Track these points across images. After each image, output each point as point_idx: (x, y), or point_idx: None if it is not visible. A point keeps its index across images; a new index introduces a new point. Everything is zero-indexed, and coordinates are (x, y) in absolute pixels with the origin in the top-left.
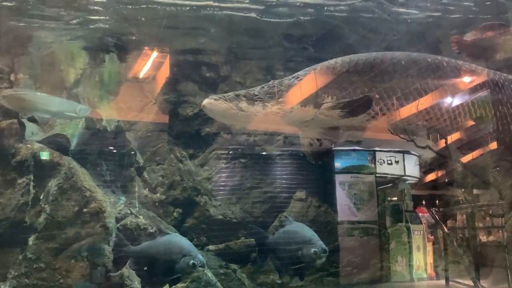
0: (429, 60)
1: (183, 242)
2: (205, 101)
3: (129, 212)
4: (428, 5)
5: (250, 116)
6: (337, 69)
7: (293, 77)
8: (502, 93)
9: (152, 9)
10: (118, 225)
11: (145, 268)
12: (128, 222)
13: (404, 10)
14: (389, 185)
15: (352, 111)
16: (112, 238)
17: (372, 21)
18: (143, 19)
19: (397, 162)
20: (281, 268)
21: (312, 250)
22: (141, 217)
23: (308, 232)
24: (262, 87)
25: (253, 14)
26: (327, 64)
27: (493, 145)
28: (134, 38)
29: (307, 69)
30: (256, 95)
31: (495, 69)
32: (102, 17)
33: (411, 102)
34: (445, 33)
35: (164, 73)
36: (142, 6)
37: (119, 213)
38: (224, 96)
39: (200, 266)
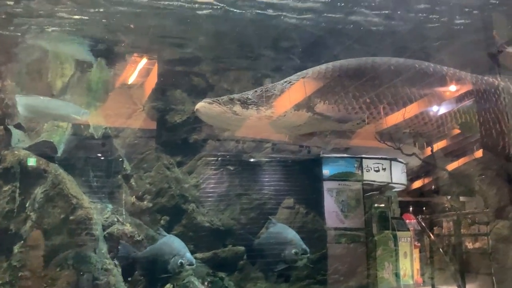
0: (417, 66)
1: (175, 242)
2: (199, 105)
3: (116, 219)
4: (413, 15)
5: (243, 120)
6: (329, 74)
7: (286, 81)
8: (485, 98)
9: (141, 16)
10: (105, 232)
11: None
12: (115, 229)
13: (389, 21)
14: (376, 192)
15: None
16: (98, 246)
17: (357, 32)
18: (132, 26)
19: (384, 169)
20: (267, 270)
21: (293, 251)
22: (128, 224)
23: (289, 234)
24: (256, 91)
25: (240, 24)
26: (318, 69)
27: (478, 153)
28: (123, 45)
29: (299, 73)
30: (250, 99)
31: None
32: (90, 24)
33: (401, 106)
34: (428, 44)
35: (152, 80)
36: (131, 13)
37: (105, 221)
38: (218, 100)
39: (188, 265)
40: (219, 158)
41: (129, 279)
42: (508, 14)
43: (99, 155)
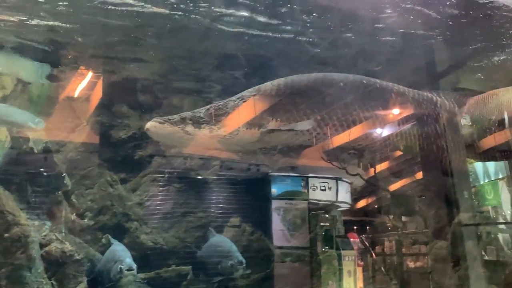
0: (365, 82)
1: (117, 249)
2: (149, 124)
3: (54, 237)
4: (357, 41)
5: (196, 139)
6: (281, 91)
7: (238, 98)
8: (426, 114)
9: (87, 29)
10: (42, 251)
11: None
12: (53, 248)
13: (333, 46)
14: (321, 211)
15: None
16: (34, 265)
17: (302, 55)
18: (79, 39)
19: (330, 188)
20: (208, 283)
21: (229, 263)
22: (67, 243)
23: (226, 245)
24: (208, 109)
25: (186, 43)
26: (270, 86)
27: (419, 175)
28: (69, 57)
29: (251, 89)
30: (202, 118)
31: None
32: (33, 37)
33: (350, 123)
34: (370, 69)
35: (97, 94)
36: (77, 26)
37: (43, 239)
38: (169, 119)
39: (127, 270)
40: (165, 175)
41: None
42: (448, 41)
43: (39, 170)
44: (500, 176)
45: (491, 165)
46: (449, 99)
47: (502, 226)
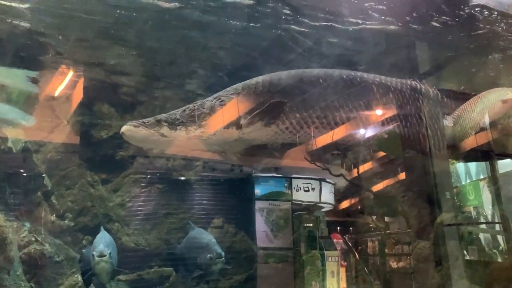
0: (345, 76)
1: (98, 237)
2: (124, 128)
3: (33, 239)
4: (341, 42)
5: (172, 141)
6: (259, 90)
7: (215, 98)
8: (410, 103)
9: (69, 28)
10: (21, 253)
11: None
12: (32, 249)
13: (317, 45)
14: (305, 212)
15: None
16: (13, 267)
17: (286, 54)
18: (60, 37)
19: (313, 189)
20: (186, 277)
21: (208, 256)
22: (46, 244)
23: (205, 238)
24: (184, 110)
25: (168, 41)
26: (248, 84)
27: (401, 176)
28: (49, 56)
29: (228, 89)
30: (178, 119)
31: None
32: (13, 34)
33: (331, 120)
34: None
35: (78, 93)
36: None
37: (22, 240)
38: (144, 122)
39: (98, 256)
40: (147, 176)
41: None
42: (430, 42)
43: (18, 170)
44: (481, 177)
45: (472, 165)
46: (432, 87)
47: (483, 226)
